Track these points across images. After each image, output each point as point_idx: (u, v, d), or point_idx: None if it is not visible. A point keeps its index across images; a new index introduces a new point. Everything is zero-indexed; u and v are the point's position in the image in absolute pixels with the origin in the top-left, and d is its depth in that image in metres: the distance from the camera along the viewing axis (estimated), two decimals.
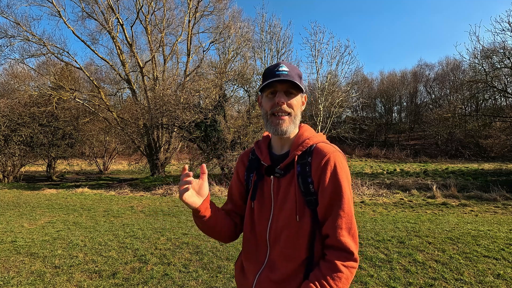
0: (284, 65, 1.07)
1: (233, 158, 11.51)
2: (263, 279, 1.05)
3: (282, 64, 1.07)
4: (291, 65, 1.10)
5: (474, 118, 20.41)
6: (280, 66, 1.07)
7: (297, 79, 1.06)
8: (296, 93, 1.08)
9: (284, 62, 1.09)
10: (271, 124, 1.07)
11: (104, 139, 20.51)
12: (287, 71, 1.05)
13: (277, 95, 1.06)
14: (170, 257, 3.90)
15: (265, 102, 1.09)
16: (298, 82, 1.06)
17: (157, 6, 17.57)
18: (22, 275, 3.34)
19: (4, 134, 14.49)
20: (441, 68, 34.32)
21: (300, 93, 1.10)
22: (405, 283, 3.10)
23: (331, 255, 0.96)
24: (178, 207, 8.08)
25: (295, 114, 1.08)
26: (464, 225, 5.55)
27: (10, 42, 14.91)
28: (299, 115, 1.11)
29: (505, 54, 13.60)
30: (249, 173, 1.19)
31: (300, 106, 1.11)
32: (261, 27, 14.61)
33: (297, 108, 1.09)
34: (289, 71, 1.06)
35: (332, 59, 14.06)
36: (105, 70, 20.12)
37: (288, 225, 1.03)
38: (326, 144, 1.08)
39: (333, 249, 0.97)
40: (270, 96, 1.08)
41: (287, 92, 1.06)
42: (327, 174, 0.99)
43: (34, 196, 10.25)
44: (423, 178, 13.95)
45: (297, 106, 1.09)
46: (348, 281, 0.94)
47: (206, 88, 12.19)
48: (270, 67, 1.10)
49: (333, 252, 0.96)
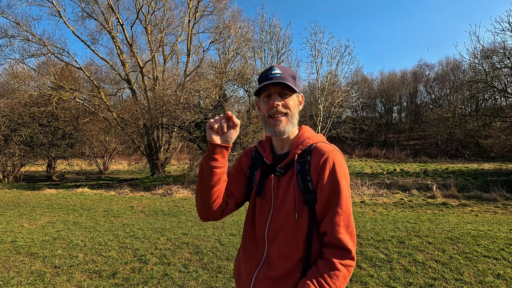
0: (277, 68, 1.10)
1: (233, 158, 11.50)
2: (261, 276, 1.06)
3: (274, 67, 1.10)
4: (284, 67, 1.13)
5: (474, 118, 20.42)
6: (273, 69, 1.10)
7: (290, 80, 1.09)
8: (291, 94, 1.10)
9: (277, 65, 1.12)
10: (269, 126, 1.10)
11: (104, 139, 20.50)
12: (279, 73, 1.08)
13: (271, 97, 1.09)
14: (170, 257, 3.90)
15: (262, 105, 1.12)
16: (292, 83, 1.08)
17: (157, 6, 17.59)
18: (22, 275, 3.34)
19: (4, 134, 14.49)
20: (441, 68, 34.32)
21: (295, 93, 1.12)
22: (405, 283, 3.10)
23: (328, 253, 0.97)
24: (178, 207, 8.08)
25: (292, 114, 1.11)
26: (464, 225, 5.55)
27: (10, 42, 14.92)
28: (297, 115, 1.13)
29: (505, 54, 13.60)
30: (252, 170, 1.21)
31: (297, 105, 1.13)
32: (261, 27, 14.62)
33: (293, 108, 1.11)
34: (282, 73, 1.08)
35: (332, 59, 14.06)
36: (105, 70, 20.15)
37: (286, 223, 1.04)
38: (325, 143, 1.11)
39: (331, 247, 0.98)
40: (266, 99, 1.11)
41: (281, 94, 1.09)
42: (325, 172, 1.01)
43: (34, 196, 10.25)
44: (423, 178, 13.95)
45: (294, 106, 1.11)
46: (346, 279, 0.94)
47: (206, 88, 12.19)
48: (263, 71, 1.13)
49: (331, 250, 0.97)
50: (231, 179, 1.22)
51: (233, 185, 1.21)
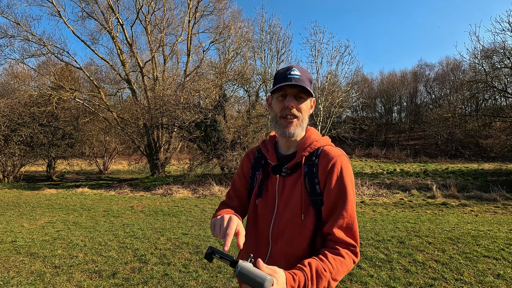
0: (296, 69, 1.08)
1: (233, 158, 11.51)
2: None
3: (294, 68, 1.09)
4: (303, 69, 1.12)
5: (474, 118, 20.42)
6: (292, 70, 1.08)
7: (308, 83, 1.08)
8: (306, 98, 1.10)
9: (296, 66, 1.11)
10: (280, 126, 1.10)
11: (104, 139, 20.48)
12: (298, 76, 1.06)
13: (287, 98, 1.08)
14: (170, 257, 3.90)
15: (275, 104, 1.11)
16: (309, 87, 1.07)
17: (157, 6, 17.57)
18: (22, 275, 3.34)
19: (4, 134, 14.49)
20: (441, 68, 34.31)
21: (309, 98, 1.12)
22: (405, 283, 3.10)
23: (333, 244, 0.99)
24: (178, 207, 8.08)
25: (303, 118, 1.11)
26: (464, 225, 5.55)
27: (10, 42, 14.90)
28: (307, 119, 1.13)
29: (505, 54, 13.59)
30: (254, 171, 1.22)
31: (308, 110, 1.13)
32: (261, 27, 14.62)
33: (305, 112, 1.11)
34: (301, 75, 1.07)
35: (332, 59, 14.06)
36: (105, 70, 20.13)
37: (291, 223, 1.05)
38: (332, 147, 1.12)
39: (335, 242, 0.99)
40: (280, 98, 1.10)
41: (297, 96, 1.08)
42: (333, 176, 1.02)
43: (34, 196, 10.25)
44: (423, 178, 13.94)
45: (306, 110, 1.11)
46: (347, 267, 0.94)
47: (206, 88, 12.18)
48: (281, 70, 1.11)
49: (336, 243, 0.99)
50: (240, 195, 1.27)
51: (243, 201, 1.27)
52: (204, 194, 10.20)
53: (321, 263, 0.90)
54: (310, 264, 0.89)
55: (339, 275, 0.92)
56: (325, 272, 0.89)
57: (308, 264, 0.89)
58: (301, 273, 0.86)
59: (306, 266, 0.88)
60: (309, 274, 0.87)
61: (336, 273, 0.91)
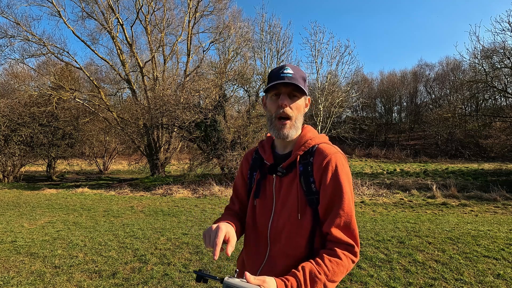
0: (289, 68, 1.08)
1: (233, 158, 11.50)
2: (264, 275, 1.06)
3: (287, 67, 1.08)
4: (296, 67, 1.11)
5: (474, 118, 20.42)
6: (285, 68, 1.08)
7: (301, 82, 1.07)
8: (300, 96, 1.09)
9: (289, 65, 1.10)
10: (274, 128, 1.09)
11: (104, 139, 20.48)
12: (291, 74, 1.06)
13: (280, 97, 1.07)
14: (170, 257, 3.90)
15: (270, 103, 1.11)
16: (302, 85, 1.06)
17: (157, 6, 17.57)
18: (22, 275, 3.34)
19: (4, 134, 14.49)
20: (441, 68, 34.30)
21: (303, 96, 1.11)
22: (405, 283, 3.10)
23: (331, 245, 0.98)
24: (178, 207, 8.08)
25: (296, 118, 1.09)
26: (464, 225, 5.55)
27: (10, 42, 14.89)
28: (301, 118, 1.12)
29: (505, 54, 13.59)
30: (252, 172, 1.22)
31: (302, 108, 1.12)
32: (261, 27, 14.60)
33: (299, 112, 1.10)
34: (294, 73, 1.06)
35: (332, 59, 14.04)
36: (105, 70, 20.12)
37: (289, 223, 1.05)
38: (328, 145, 1.10)
39: (333, 242, 0.99)
40: (274, 97, 1.09)
41: (290, 95, 1.07)
42: (328, 174, 1.01)
43: (34, 196, 10.25)
44: (423, 178, 13.94)
45: (300, 109, 1.10)
46: (345, 268, 0.94)
47: (206, 88, 12.18)
48: (275, 69, 1.11)
49: (334, 243, 0.98)
50: (240, 198, 1.27)
51: (244, 203, 1.27)
52: (204, 194, 10.20)
53: (316, 266, 0.90)
54: (303, 268, 0.89)
55: (336, 277, 0.92)
56: (320, 275, 0.89)
57: (302, 268, 0.89)
58: (293, 279, 0.86)
59: (299, 271, 0.88)
60: (302, 278, 0.87)
61: (332, 275, 0.91)
